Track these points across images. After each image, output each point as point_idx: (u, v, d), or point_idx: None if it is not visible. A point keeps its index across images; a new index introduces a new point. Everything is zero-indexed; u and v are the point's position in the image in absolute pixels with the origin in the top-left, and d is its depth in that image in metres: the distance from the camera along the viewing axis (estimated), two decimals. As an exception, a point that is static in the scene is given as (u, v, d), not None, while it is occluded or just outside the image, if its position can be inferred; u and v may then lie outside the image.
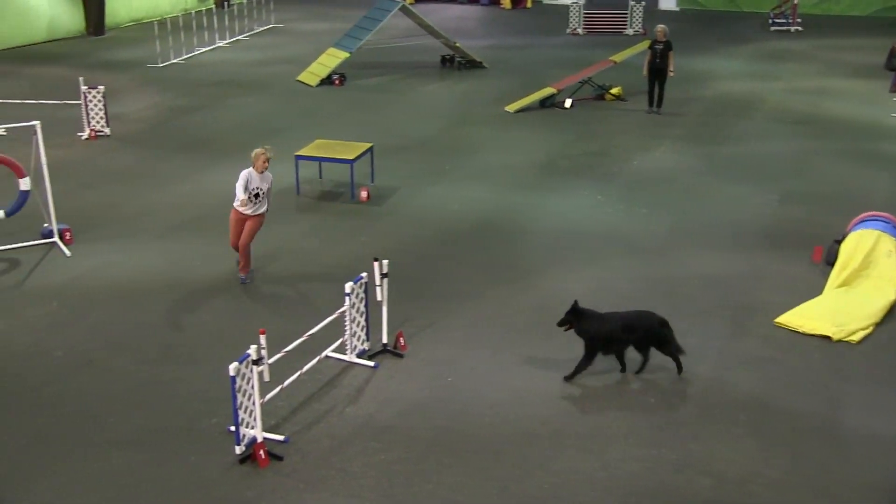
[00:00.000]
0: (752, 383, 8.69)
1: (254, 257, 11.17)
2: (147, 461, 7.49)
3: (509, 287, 10.71)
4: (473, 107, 19.13)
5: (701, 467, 7.46)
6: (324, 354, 8.92)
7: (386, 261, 9.01)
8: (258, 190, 10.59)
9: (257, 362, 7.37)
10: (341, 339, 9.05)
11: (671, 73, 18.11)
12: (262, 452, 7.43)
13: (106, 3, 27.31)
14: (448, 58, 23.41)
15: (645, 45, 19.43)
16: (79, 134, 16.60)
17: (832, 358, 9.16)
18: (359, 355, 9.08)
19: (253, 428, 7.55)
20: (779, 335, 9.61)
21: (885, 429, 7.98)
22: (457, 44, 22.95)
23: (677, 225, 12.68)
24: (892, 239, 10.85)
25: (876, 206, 12.37)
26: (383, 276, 8.92)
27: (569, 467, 7.46)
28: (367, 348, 9.21)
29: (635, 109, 18.71)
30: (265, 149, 10.56)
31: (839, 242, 11.10)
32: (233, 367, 7.14)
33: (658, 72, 18.09)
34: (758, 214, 13.06)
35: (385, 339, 9.22)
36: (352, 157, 13.54)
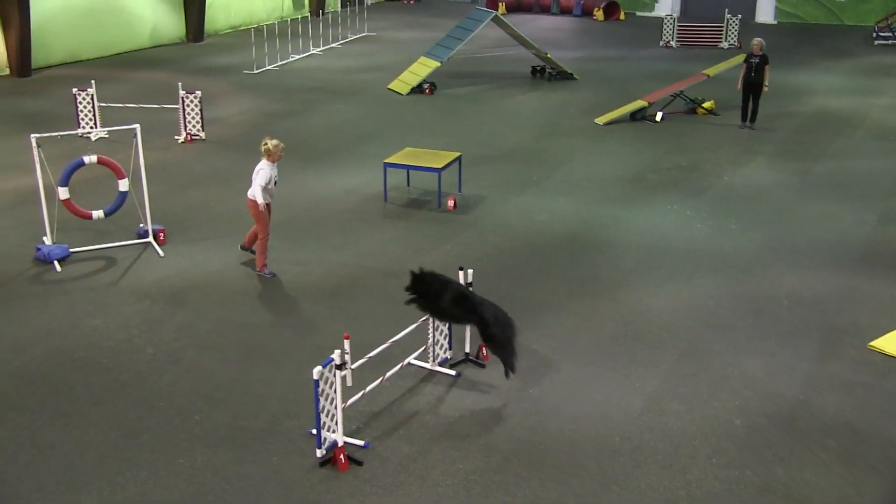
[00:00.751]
0: (843, 408, 8.43)
1: (342, 263, 11.31)
2: (230, 460, 7.64)
3: (593, 300, 10.62)
4: (563, 118, 19.05)
5: (785, 491, 7.26)
6: (406, 361, 8.97)
7: (471, 270, 9.02)
8: (276, 180, 11.08)
9: (340, 367, 7.45)
10: (424, 347, 9.09)
11: (765, 88, 17.74)
12: (342, 456, 7.50)
13: (206, 11, 28.05)
14: (539, 69, 23.37)
15: (740, 58, 19.10)
16: (175, 137, 17.07)
17: (929, 385, 8.83)
18: (441, 363, 9.11)
19: (334, 432, 7.63)
20: (873, 359, 9.31)
21: (983, 461, 7.65)
22: (548, 55, 22.89)
23: (768, 242, 12.40)
24: None
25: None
26: (468, 285, 8.92)
27: (648, 484, 7.34)
28: (449, 357, 9.23)
29: (728, 124, 18.38)
30: (278, 142, 10.94)
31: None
32: (316, 371, 7.22)
33: (753, 86, 17.74)
34: (853, 234, 12.69)
35: (468, 349, 9.22)
36: (440, 166, 13.61)
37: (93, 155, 11.75)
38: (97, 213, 11.97)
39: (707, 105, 19.38)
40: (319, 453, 7.58)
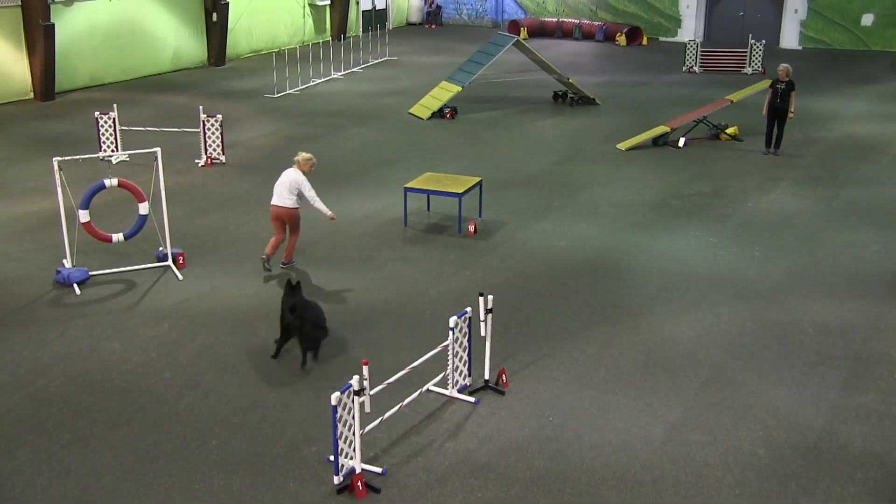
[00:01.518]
0: (871, 440, 8.34)
1: (361, 287, 11.36)
2: (247, 485, 7.64)
3: (615, 327, 10.58)
4: (584, 143, 19.07)
5: (811, 525, 7.18)
6: (425, 388, 8.96)
7: (491, 296, 9.01)
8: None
9: (359, 393, 7.45)
10: (443, 374, 9.08)
11: (791, 115, 17.68)
12: (359, 484, 7.49)
13: (228, 35, 28.35)
14: (560, 94, 23.42)
15: (764, 84, 19.06)
16: (196, 161, 17.21)
17: (958, 417, 8.72)
18: (460, 390, 9.09)
19: (352, 458, 7.62)
20: (900, 390, 9.22)
21: None
22: (570, 80, 22.95)
23: (792, 270, 12.32)
24: None
25: None
26: (488, 311, 8.92)
27: (671, 516, 7.28)
28: (468, 384, 9.21)
29: (751, 150, 18.33)
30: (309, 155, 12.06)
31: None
32: (335, 397, 7.22)
33: (778, 112, 17.70)
34: (880, 262, 12.59)
35: (487, 376, 9.20)
36: (460, 191, 13.64)
37: (114, 178, 11.86)
38: (117, 237, 12.07)
39: (731, 131, 19.35)
40: (337, 480, 7.56)
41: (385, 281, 11.92)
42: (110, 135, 17.12)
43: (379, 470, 7.78)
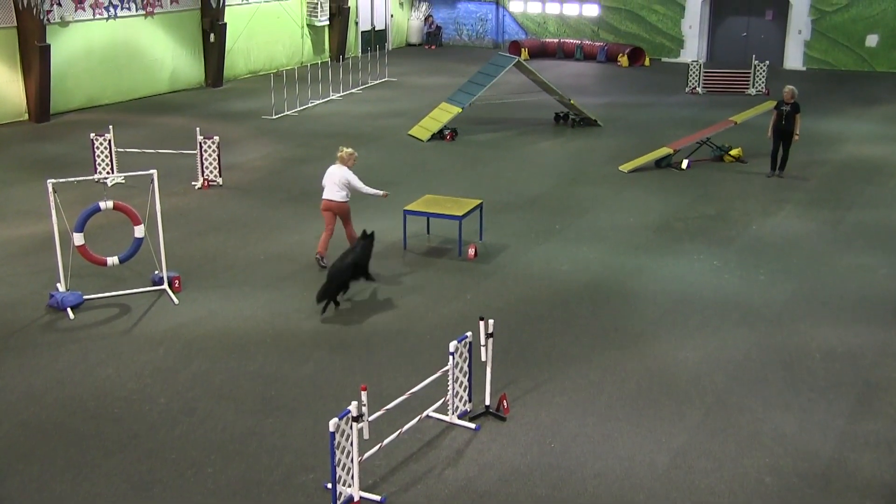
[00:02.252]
0: (880, 467, 8.30)
1: (360, 312, 11.35)
2: (243, 514, 7.60)
3: (618, 352, 10.56)
4: (586, 165, 19.11)
5: (820, 555, 7.14)
6: (425, 414, 8.93)
7: (492, 320, 9.00)
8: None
9: (357, 419, 7.42)
10: (443, 399, 9.05)
11: (796, 137, 17.71)
12: (357, 512, 7.46)
13: (225, 56, 28.48)
14: (562, 115, 23.49)
15: (768, 105, 19.12)
16: (192, 183, 17.24)
17: (968, 444, 8.69)
18: (460, 416, 9.06)
19: (350, 486, 7.59)
20: (909, 416, 9.19)
21: None
22: (571, 101, 23.03)
23: (798, 293, 12.31)
24: None
25: None
26: (488, 335, 8.91)
27: (676, 546, 7.24)
28: (469, 409, 9.18)
29: (756, 172, 18.37)
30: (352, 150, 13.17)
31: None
32: (333, 423, 7.20)
33: (783, 134, 17.73)
34: (887, 286, 12.58)
35: (488, 401, 9.18)
36: (461, 214, 13.66)
37: (109, 201, 11.88)
38: (112, 260, 12.07)
39: (734, 152, 19.39)
40: (335, 509, 7.53)
41: (384, 305, 11.91)
42: (106, 157, 17.16)
43: (378, 498, 7.74)
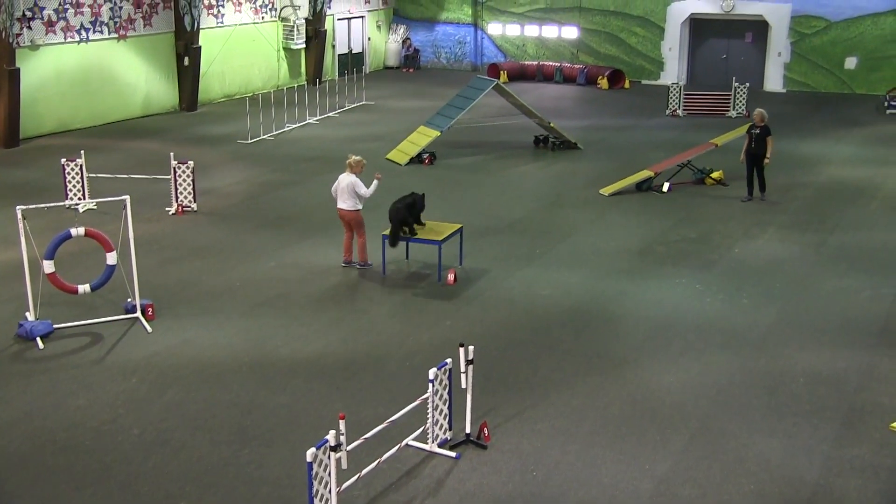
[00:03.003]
0: (867, 493, 8.33)
1: (338, 339, 11.33)
2: (218, 547, 7.53)
3: (600, 378, 10.57)
4: (567, 189, 19.20)
5: (807, 583, 7.14)
6: (404, 443, 8.90)
7: (472, 346, 9.00)
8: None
9: (335, 448, 7.39)
10: (423, 428, 9.02)
11: (767, 161, 17.76)
12: (336, 544, 7.40)
13: (200, 80, 28.48)
14: (542, 138, 23.60)
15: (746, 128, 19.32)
16: (166, 209, 17.18)
17: (954, 468, 8.74)
18: (440, 445, 9.03)
19: (328, 517, 7.54)
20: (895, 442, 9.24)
21: None
22: (551, 124, 23.16)
23: (782, 317, 12.39)
24: None
25: None
26: (469, 362, 8.90)
27: (661, 576, 7.22)
28: (449, 438, 9.15)
29: (737, 195, 18.48)
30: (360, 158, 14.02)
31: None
32: (310, 453, 7.16)
33: (754, 158, 17.82)
34: (870, 309, 12.68)
35: (468, 429, 9.15)
36: (440, 238, 13.68)
37: (80, 227, 11.83)
38: (83, 288, 12.00)
39: (716, 175, 19.54)
40: (312, 541, 7.48)
41: (363, 332, 11.89)
42: (77, 182, 17.09)
43: (356, 530, 7.70)
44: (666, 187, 18.93)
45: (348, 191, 13.68)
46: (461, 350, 8.89)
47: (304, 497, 7.55)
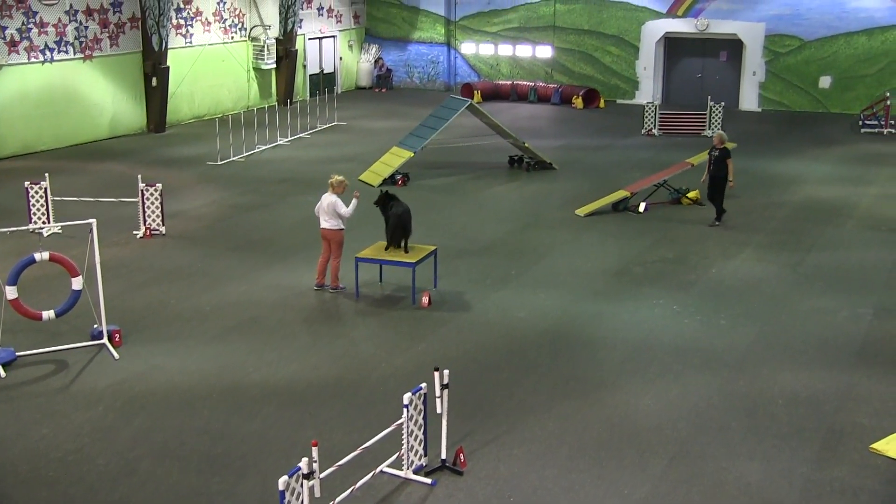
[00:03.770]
0: (845, 515, 8.38)
1: (311, 364, 11.27)
2: (188, 580, 7.45)
3: (578, 401, 10.58)
4: (542, 210, 19.26)
5: None
6: (379, 469, 8.86)
7: (447, 370, 8.99)
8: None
9: (308, 476, 7.34)
10: (398, 454, 8.99)
11: (731, 184, 17.80)
12: (309, 575, 7.34)
13: (168, 100, 28.40)
14: (516, 158, 23.68)
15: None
16: (134, 232, 17.08)
17: (935, 489, 8.80)
18: (416, 471, 9.00)
19: (300, 547, 7.48)
20: (876, 463, 9.28)
21: None
22: (526, 144, 23.25)
23: (760, 338, 12.46)
24: None
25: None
26: (444, 386, 8.89)
27: None
28: (424, 464, 9.12)
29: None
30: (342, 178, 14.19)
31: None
32: (282, 481, 7.11)
33: (714, 180, 17.81)
34: (848, 329, 12.78)
35: (444, 455, 9.13)
36: (414, 261, 13.67)
37: (45, 252, 11.73)
38: (48, 314, 11.89)
39: (692, 195, 19.67)
40: (285, 572, 7.41)
41: (336, 356, 11.84)
42: (41, 206, 16.96)
43: (330, 560, 7.64)
44: (642, 207, 19.04)
45: (329, 210, 13.85)
46: (436, 374, 8.88)
47: (276, 527, 7.48)
